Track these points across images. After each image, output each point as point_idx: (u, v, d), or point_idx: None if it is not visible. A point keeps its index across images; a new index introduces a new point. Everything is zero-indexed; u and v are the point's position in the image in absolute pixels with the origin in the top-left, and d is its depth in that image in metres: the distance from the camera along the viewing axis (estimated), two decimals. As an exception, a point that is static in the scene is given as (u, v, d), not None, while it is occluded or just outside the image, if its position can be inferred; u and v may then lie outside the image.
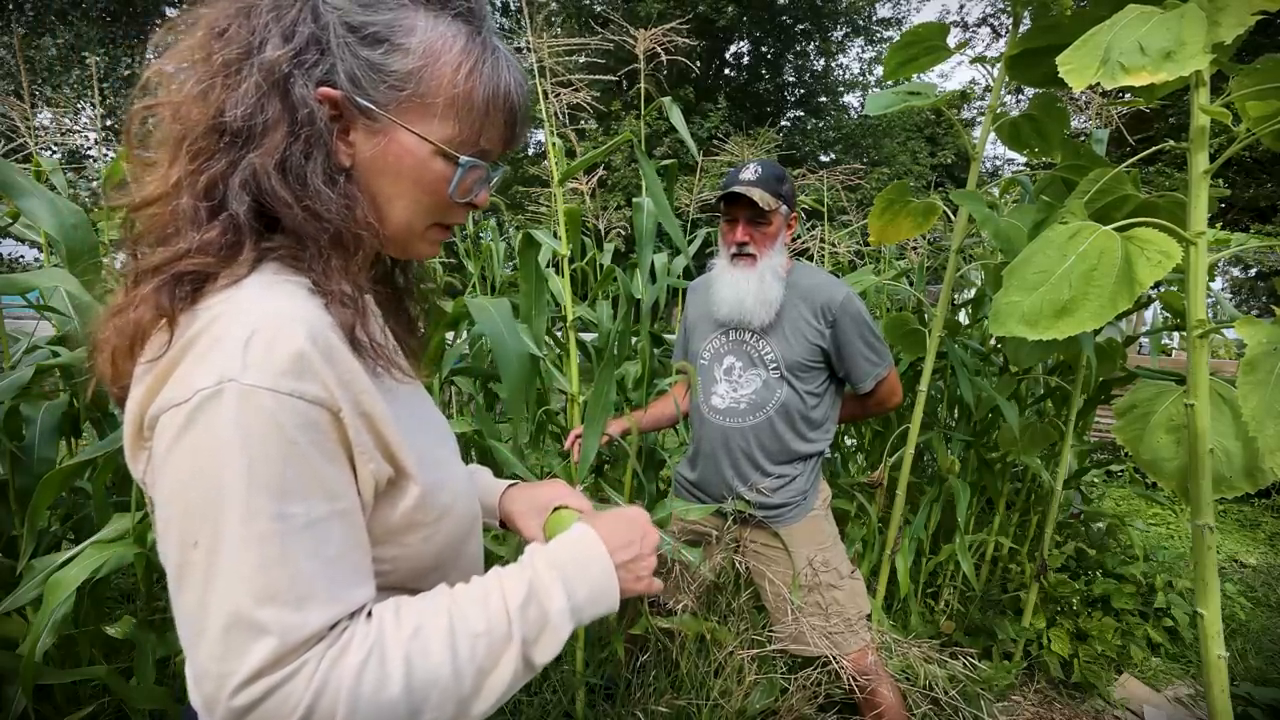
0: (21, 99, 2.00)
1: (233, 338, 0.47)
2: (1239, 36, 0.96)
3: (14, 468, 1.31)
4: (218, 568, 0.45)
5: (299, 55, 0.53)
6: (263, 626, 0.45)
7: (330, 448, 0.49)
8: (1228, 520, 4.23)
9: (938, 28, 1.73)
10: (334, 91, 0.54)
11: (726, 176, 1.64)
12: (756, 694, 1.51)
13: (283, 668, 0.46)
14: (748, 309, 1.57)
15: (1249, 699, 2.08)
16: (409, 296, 0.74)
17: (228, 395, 0.45)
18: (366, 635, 0.50)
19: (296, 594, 0.47)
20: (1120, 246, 1.03)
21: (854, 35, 16.99)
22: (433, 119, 0.56)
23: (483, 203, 0.64)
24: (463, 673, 0.52)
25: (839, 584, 1.61)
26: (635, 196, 1.89)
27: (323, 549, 0.49)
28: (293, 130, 0.52)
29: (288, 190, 0.52)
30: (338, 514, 0.50)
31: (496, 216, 4.68)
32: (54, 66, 10.33)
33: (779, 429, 1.61)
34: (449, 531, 0.62)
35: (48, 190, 1.22)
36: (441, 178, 0.58)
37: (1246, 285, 13.69)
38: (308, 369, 0.48)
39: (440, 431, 0.68)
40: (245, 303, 0.49)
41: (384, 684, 0.49)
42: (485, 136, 0.59)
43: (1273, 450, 0.93)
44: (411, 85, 0.55)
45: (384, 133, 0.56)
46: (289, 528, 0.47)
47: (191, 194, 0.52)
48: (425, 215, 0.61)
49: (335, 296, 0.53)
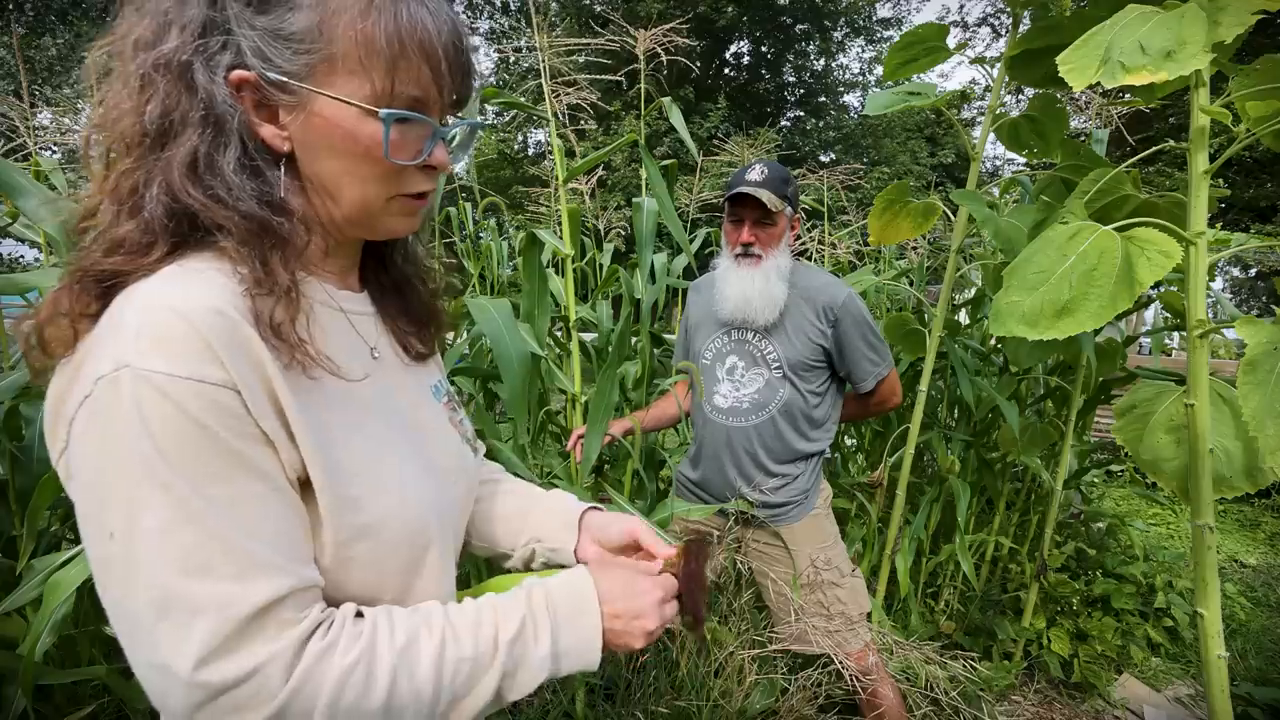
0: (21, 99, 2.00)
1: (127, 324, 0.45)
2: (1239, 36, 0.96)
3: (14, 468, 1.31)
4: (137, 554, 0.43)
5: (198, 42, 0.50)
6: (196, 603, 0.43)
7: (246, 429, 0.47)
8: (1228, 520, 4.23)
9: (937, 28, 1.73)
10: (245, 73, 0.51)
11: (732, 176, 1.63)
12: (757, 694, 1.51)
13: (238, 650, 0.43)
14: (754, 308, 1.57)
15: (1249, 699, 2.08)
16: (414, 281, 0.70)
17: (124, 382, 0.43)
18: (357, 638, 0.49)
19: (234, 565, 0.44)
20: (1120, 246, 1.03)
21: (854, 35, 17.00)
22: (345, 76, 0.52)
23: (440, 162, 0.58)
24: (442, 695, 0.51)
25: (840, 582, 1.61)
26: (635, 196, 1.89)
27: (258, 525, 0.46)
28: (203, 123, 0.50)
29: (196, 185, 0.50)
30: (272, 491, 0.47)
31: (497, 217, 4.68)
32: (54, 66, 10.33)
33: (781, 428, 1.61)
34: (374, 560, 0.55)
35: (48, 190, 1.22)
36: (374, 141, 0.53)
37: (1246, 285, 13.70)
38: (205, 352, 0.45)
39: (393, 444, 0.59)
40: (145, 291, 0.48)
41: (367, 694, 0.47)
42: (403, 82, 0.53)
43: (1273, 450, 0.93)
44: (315, 44, 0.51)
45: (304, 105, 0.52)
46: (211, 507, 0.44)
47: (113, 199, 0.51)
48: (377, 186, 0.56)
49: (259, 286, 0.50)
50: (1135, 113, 4.12)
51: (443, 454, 0.67)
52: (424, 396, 0.69)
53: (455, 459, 0.69)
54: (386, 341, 0.67)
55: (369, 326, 0.65)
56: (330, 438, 0.53)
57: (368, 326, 0.64)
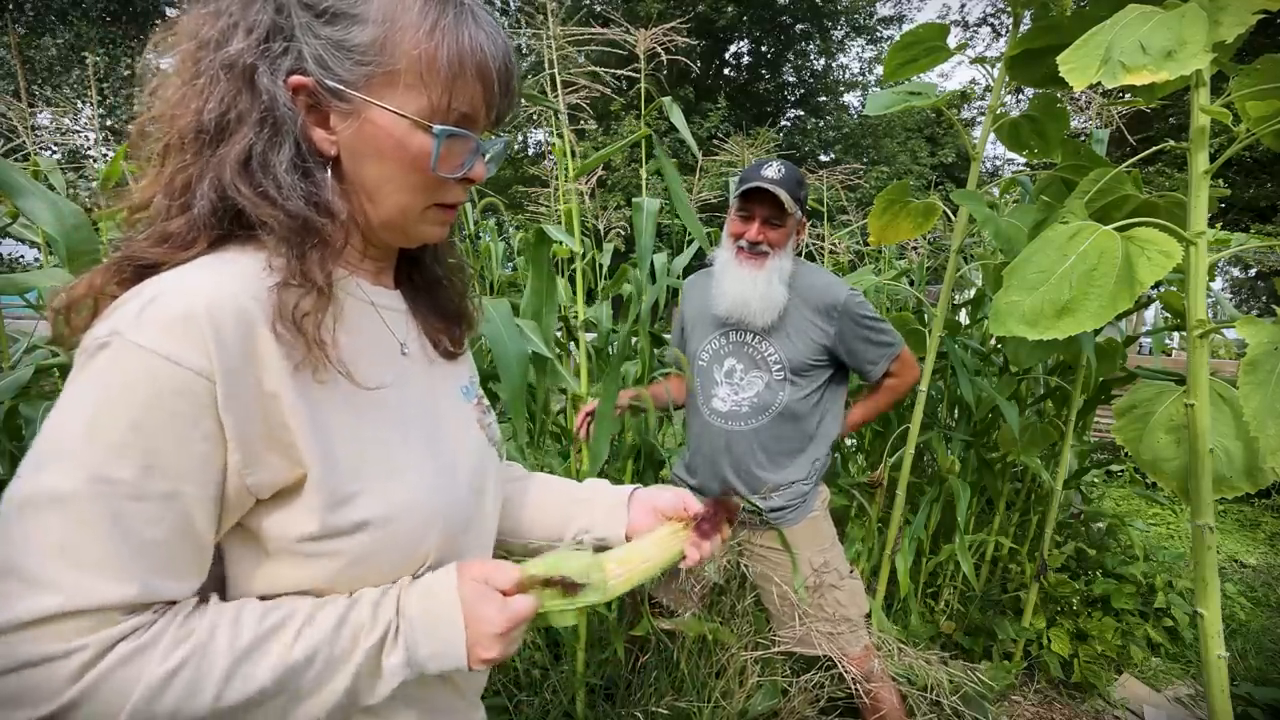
0: (21, 99, 2.00)
1: (142, 296, 0.48)
2: (1239, 36, 0.96)
3: (14, 468, 1.31)
4: (25, 511, 0.44)
5: (263, 46, 0.52)
6: (47, 582, 0.43)
7: (201, 422, 0.47)
8: (1228, 520, 4.23)
9: (938, 28, 1.73)
10: (304, 78, 0.53)
11: (746, 169, 1.59)
12: (760, 696, 1.51)
13: (39, 638, 0.43)
14: (752, 309, 1.54)
15: (1249, 699, 2.08)
16: (444, 281, 0.72)
17: (110, 348, 0.45)
18: (183, 640, 0.47)
19: (95, 559, 0.44)
20: (1120, 246, 1.03)
21: (854, 35, 17.00)
22: (403, 90, 0.54)
23: (478, 176, 0.61)
24: (285, 691, 0.50)
25: (840, 584, 1.61)
26: (635, 196, 1.89)
27: (142, 527, 0.46)
28: (261, 123, 0.52)
29: (247, 182, 0.52)
30: (176, 496, 0.47)
31: (496, 217, 4.68)
32: (54, 66, 10.33)
33: (781, 431, 1.60)
34: (364, 557, 0.55)
35: (47, 190, 1.22)
36: (423, 153, 0.56)
37: (1246, 285, 13.70)
38: (193, 336, 0.46)
39: (405, 444, 0.59)
40: (172, 275, 0.50)
41: (191, 698, 0.46)
42: (458, 100, 0.55)
43: (1273, 450, 0.93)
44: (376, 57, 0.53)
45: (358, 113, 0.54)
46: (111, 491, 0.44)
47: (167, 193, 0.53)
48: (417, 196, 0.58)
49: (292, 280, 0.51)
50: (1135, 113, 4.12)
51: (464, 454, 0.67)
52: (451, 396, 0.70)
53: (477, 459, 0.69)
54: (416, 338, 0.68)
55: (400, 323, 0.66)
56: (332, 434, 0.53)
57: (399, 323, 0.66)
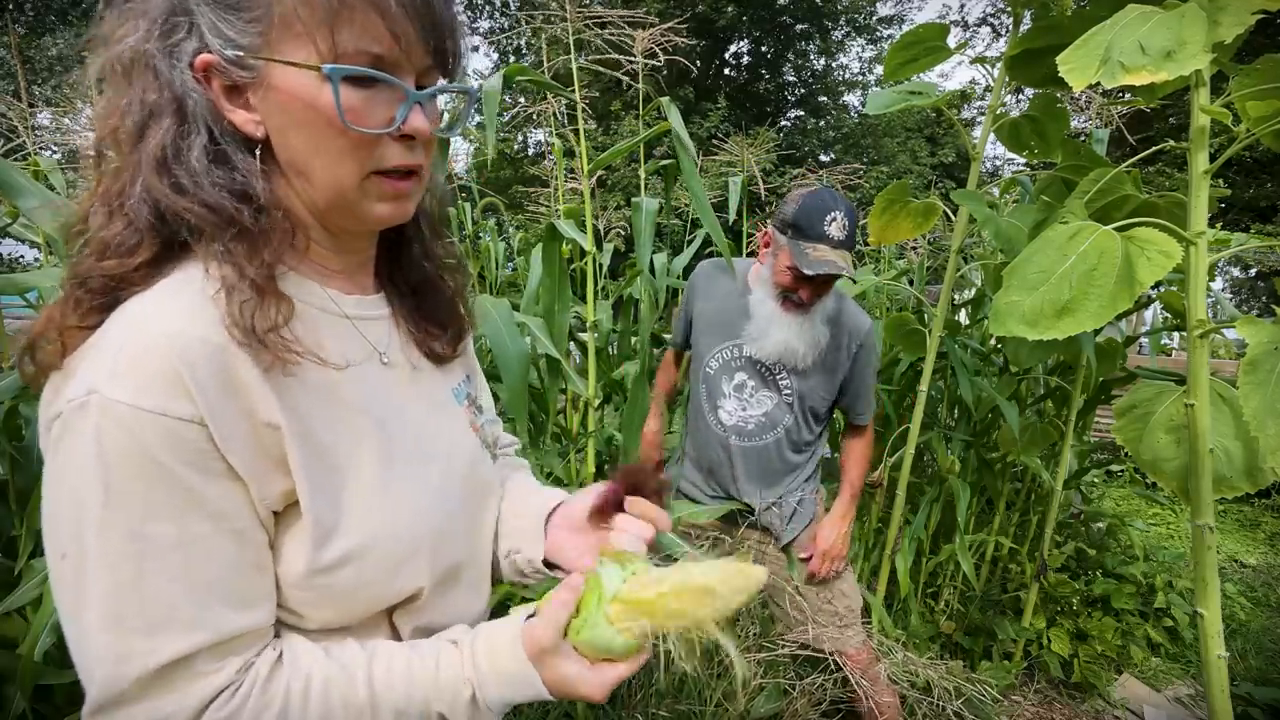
0: (21, 99, 2.00)
1: (107, 348, 0.45)
2: (1239, 36, 0.96)
3: (14, 468, 1.31)
4: (84, 584, 0.44)
5: (163, 32, 0.49)
6: (99, 652, 0.44)
7: (209, 464, 0.46)
8: (1228, 520, 4.23)
9: (938, 28, 1.73)
10: (208, 56, 0.49)
11: (804, 216, 1.39)
12: (763, 699, 1.51)
13: (131, 706, 0.44)
14: (799, 355, 1.50)
15: (1249, 699, 2.08)
16: (434, 280, 0.67)
17: (91, 407, 0.43)
18: (264, 709, 0.47)
19: (147, 619, 0.44)
20: (1120, 246, 1.03)
21: (854, 34, 16.99)
22: (293, 40, 0.48)
23: (416, 129, 0.52)
24: None
25: (839, 585, 1.62)
26: (634, 196, 1.88)
27: (195, 571, 0.46)
28: (172, 113, 0.49)
29: (163, 178, 0.49)
30: (220, 532, 0.47)
31: (496, 217, 4.68)
32: (54, 66, 10.33)
33: (784, 450, 1.61)
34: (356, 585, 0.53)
35: (47, 190, 1.22)
36: (330, 106, 0.48)
37: (1246, 285, 13.70)
38: (174, 384, 0.44)
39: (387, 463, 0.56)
40: (133, 312, 0.48)
41: None
42: (351, 36, 0.47)
43: (1274, 450, 0.93)
44: (258, 8, 0.48)
45: (264, 80, 0.49)
46: (150, 548, 0.44)
47: (103, 201, 0.51)
48: (346, 162, 0.51)
49: (232, 286, 0.48)
50: (1135, 113, 4.12)
51: (459, 464, 0.64)
52: (440, 402, 0.66)
53: (469, 466, 0.66)
54: (399, 346, 0.63)
55: (379, 331, 0.61)
56: (316, 455, 0.51)
57: (378, 331, 0.61)
